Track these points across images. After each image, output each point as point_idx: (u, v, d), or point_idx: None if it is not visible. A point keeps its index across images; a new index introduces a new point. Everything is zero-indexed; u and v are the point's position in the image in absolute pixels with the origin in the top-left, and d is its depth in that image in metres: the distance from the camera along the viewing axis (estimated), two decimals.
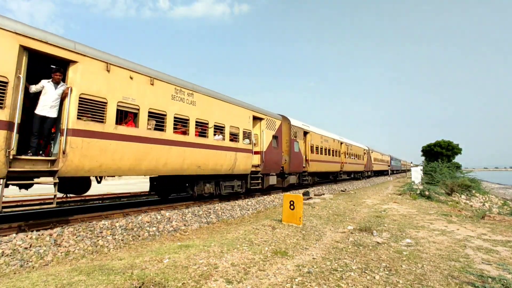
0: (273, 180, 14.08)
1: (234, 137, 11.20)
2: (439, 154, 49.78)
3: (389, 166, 56.74)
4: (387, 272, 4.50)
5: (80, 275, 3.85)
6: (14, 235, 5.38)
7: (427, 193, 17.28)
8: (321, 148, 20.54)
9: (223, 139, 10.46)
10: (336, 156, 23.79)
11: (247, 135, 11.94)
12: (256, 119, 13.02)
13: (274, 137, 14.17)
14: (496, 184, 57.07)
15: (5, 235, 5.37)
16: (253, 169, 12.42)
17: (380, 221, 8.87)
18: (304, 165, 17.40)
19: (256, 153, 12.78)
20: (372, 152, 39.59)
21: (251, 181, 12.45)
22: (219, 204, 10.62)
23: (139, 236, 6.66)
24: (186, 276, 3.95)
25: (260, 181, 12.97)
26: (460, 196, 20.25)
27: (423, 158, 54.59)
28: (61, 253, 5.26)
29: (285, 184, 15.89)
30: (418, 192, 17.92)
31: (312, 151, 18.70)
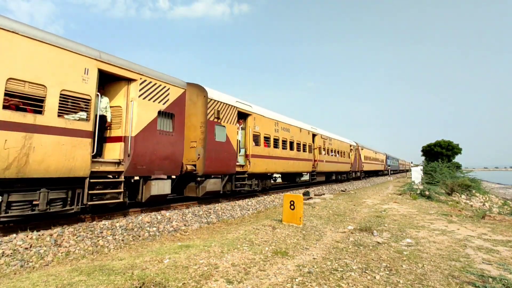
0: (160, 187, 8.31)
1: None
2: (439, 154, 49.77)
3: (387, 165, 53.23)
4: (387, 272, 4.50)
5: (80, 275, 3.85)
6: (14, 235, 5.38)
7: (427, 193, 17.29)
8: (276, 139, 14.82)
9: None
10: (305, 152, 18.26)
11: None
12: (113, 79, 7.57)
13: (165, 114, 8.41)
14: (496, 184, 57.07)
15: (6, 235, 5.37)
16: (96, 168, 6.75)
17: (381, 221, 8.87)
18: (242, 163, 12.23)
19: (113, 139, 7.64)
20: (362, 149, 33.71)
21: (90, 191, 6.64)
22: (220, 204, 10.62)
23: (139, 236, 6.66)
24: (186, 276, 3.95)
25: (121, 190, 7.22)
26: (460, 196, 20.26)
27: (423, 158, 54.58)
28: (61, 253, 5.26)
29: (199, 192, 10.21)
30: (418, 192, 17.92)
31: (257, 143, 13.07)
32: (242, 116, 12.42)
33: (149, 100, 7.92)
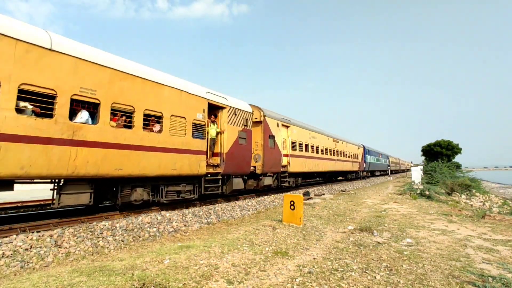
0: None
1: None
2: (439, 153, 49.77)
3: (364, 163, 34.57)
4: (388, 272, 4.50)
5: (80, 276, 3.85)
6: (14, 236, 5.38)
7: (427, 193, 17.29)
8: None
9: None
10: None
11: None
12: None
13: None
14: (496, 183, 57.08)
15: (6, 236, 5.36)
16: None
17: (381, 221, 8.87)
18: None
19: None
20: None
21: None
22: (220, 204, 10.62)
23: (139, 236, 6.66)
24: (187, 276, 3.95)
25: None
26: (460, 196, 20.26)
27: (423, 157, 54.57)
28: (61, 254, 5.25)
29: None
30: (418, 192, 17.92)
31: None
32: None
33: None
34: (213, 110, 10.90)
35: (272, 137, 14.28)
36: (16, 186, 6.02)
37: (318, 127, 22.27)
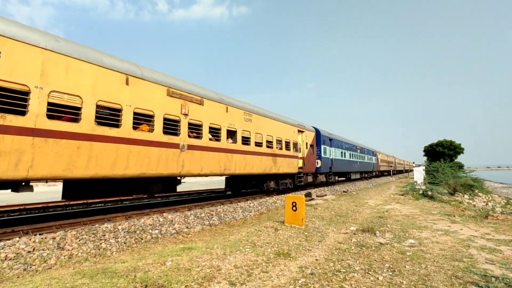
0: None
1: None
2: (441, 154, 49.62)
3: (320, 161, 20.89)
4: (390, 273, 4.48)
5: (83, 278, 3.86)
6: (17, 238, 5.40)
7: (429, 193, 17.22)
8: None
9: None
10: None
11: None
12: (299, 132, 17.70)
13: (311, 145, 18.96)
14: (499, 183, 56.81)
15: (9, 239, 5.39)
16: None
17: (383, 221, 8.84)
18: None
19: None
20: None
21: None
22: (221, 206, 10.63)
23: (141, 238, 6.67)
24: (189, 278, 3.95)
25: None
26: (463, 196, 20.18)
27: (425, 158, 54.41)
28: (64, 256, 5.27)
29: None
30: (421, 192, 17.86)
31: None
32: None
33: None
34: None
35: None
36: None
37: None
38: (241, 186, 14.94)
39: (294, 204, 7.55)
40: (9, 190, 6.02)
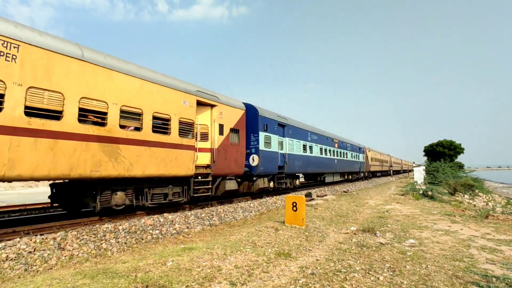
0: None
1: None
2: (442, 154, 49.60)
3: (281, 159, 15.62)
4: (391, 273, 4.49)
5: (84, 278, 3.87)
6: (18, 239, 5.40)
7: (430, 193, 17.21)
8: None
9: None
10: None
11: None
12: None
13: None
14: (499, 183, 56.79)
15: (10, 239, 5.39)
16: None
17: (383, 221, 8.84)
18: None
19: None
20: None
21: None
22: (222, 206, 10.63)
23: (142, 239, 6.67)
24: (189, 278, 3.96)
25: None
26: (463, 196, 20.17)
27: (425, 158, 54.39)
28: (65, 256, 5.27)
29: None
30: (421, 192, 17.85)
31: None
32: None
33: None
34: None
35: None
36: None
37: None
38: None
39: (294, 204, 7.56)
40: (9, 191, 6.03)
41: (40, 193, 19.12)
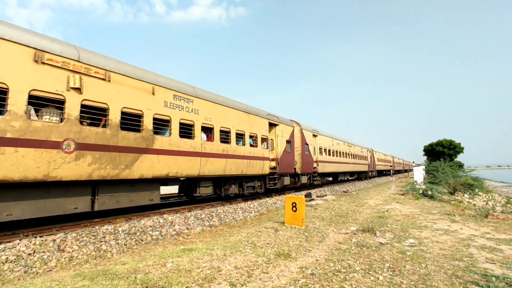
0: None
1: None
2: (441, 153, 49.59)
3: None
4: (390, 273, 4.49)
5: (83, 280, 3.86)
6: (18, 241, 5.40)
7: (429, 192, 17.21)
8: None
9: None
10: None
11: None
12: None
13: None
14: (499, 182, 56.77)
15: (9, 241, 5.39)
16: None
17: (383, 221, 8.84)
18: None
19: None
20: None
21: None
22: (222, 207, 10.63)
23: (142, 240, 6.67)
24: (189, 279, 3.95)
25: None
26: (463, 195, 20.15)
27: (425, 157, 54.36)
28: (64, 258, 5.27)
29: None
30: (421, 192, 17.85)
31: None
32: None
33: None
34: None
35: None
36: None
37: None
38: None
39: (294, 204, 7.56)
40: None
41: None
